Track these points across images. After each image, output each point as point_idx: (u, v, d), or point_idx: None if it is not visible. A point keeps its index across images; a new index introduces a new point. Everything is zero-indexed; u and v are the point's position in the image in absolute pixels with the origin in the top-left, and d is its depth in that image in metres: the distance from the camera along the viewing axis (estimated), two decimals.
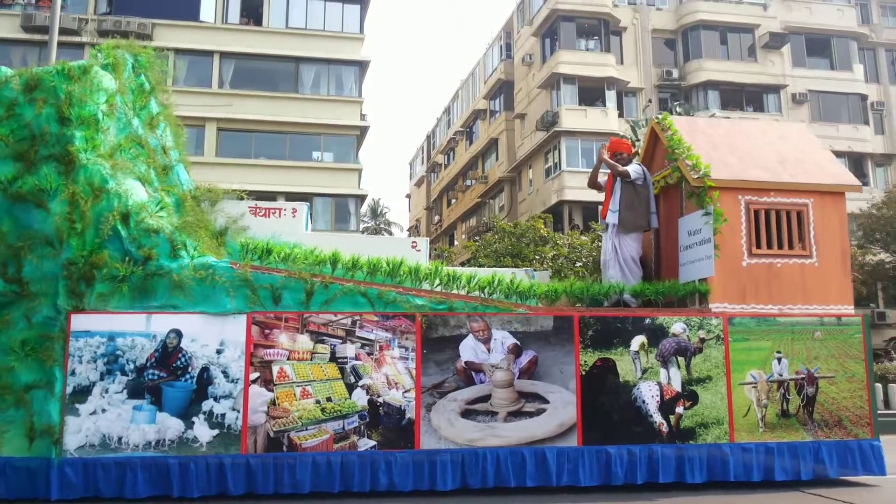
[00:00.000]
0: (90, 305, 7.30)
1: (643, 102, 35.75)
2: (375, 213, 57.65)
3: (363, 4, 34.25)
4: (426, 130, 65.83)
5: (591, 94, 35.39)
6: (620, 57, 37.08)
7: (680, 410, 8.03)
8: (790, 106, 37.26)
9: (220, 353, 7.43)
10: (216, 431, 7.29)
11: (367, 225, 53.41)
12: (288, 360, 7.53)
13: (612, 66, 35.96)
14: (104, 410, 7.19)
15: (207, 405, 7.32)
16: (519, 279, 8.54)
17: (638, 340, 8.08)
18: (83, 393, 7.18)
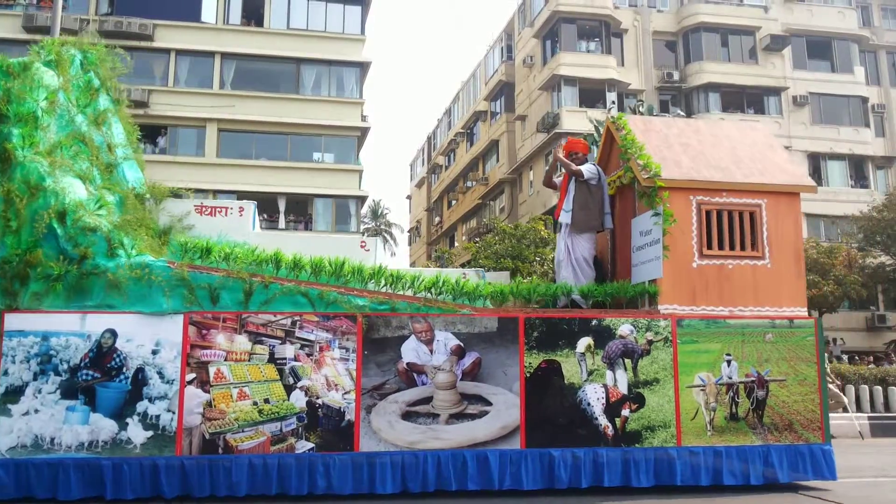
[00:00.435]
0: (24, 304, 7.23)
1: (646, 104, 35.58)
2: (376, 214, 57.71)
3: (364, 6, 34.29)
4: (427, 132, 65.96)
5: (591, 95, 35.32)
6: (621, 59, 37.01)
7: (626, 413, 7.89)
8: (791, 108, 37.02)
9: (155, 353, 7.33)
10: (150, 433, 7.19)
11: (367, 226, 53.43)
12: (225, 360, 7.42)
13: (612, 67, 35.91)
14: (37, 411, 7.09)
15: (142, 406, 7.22)
16: (466, 279, 8.43)
17: (584, 342, 7.94)
18: (16, 393, 7.09)
